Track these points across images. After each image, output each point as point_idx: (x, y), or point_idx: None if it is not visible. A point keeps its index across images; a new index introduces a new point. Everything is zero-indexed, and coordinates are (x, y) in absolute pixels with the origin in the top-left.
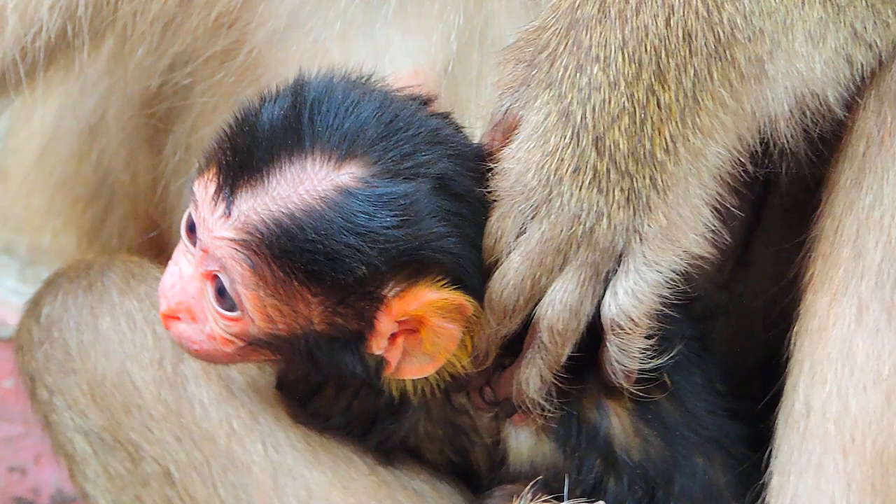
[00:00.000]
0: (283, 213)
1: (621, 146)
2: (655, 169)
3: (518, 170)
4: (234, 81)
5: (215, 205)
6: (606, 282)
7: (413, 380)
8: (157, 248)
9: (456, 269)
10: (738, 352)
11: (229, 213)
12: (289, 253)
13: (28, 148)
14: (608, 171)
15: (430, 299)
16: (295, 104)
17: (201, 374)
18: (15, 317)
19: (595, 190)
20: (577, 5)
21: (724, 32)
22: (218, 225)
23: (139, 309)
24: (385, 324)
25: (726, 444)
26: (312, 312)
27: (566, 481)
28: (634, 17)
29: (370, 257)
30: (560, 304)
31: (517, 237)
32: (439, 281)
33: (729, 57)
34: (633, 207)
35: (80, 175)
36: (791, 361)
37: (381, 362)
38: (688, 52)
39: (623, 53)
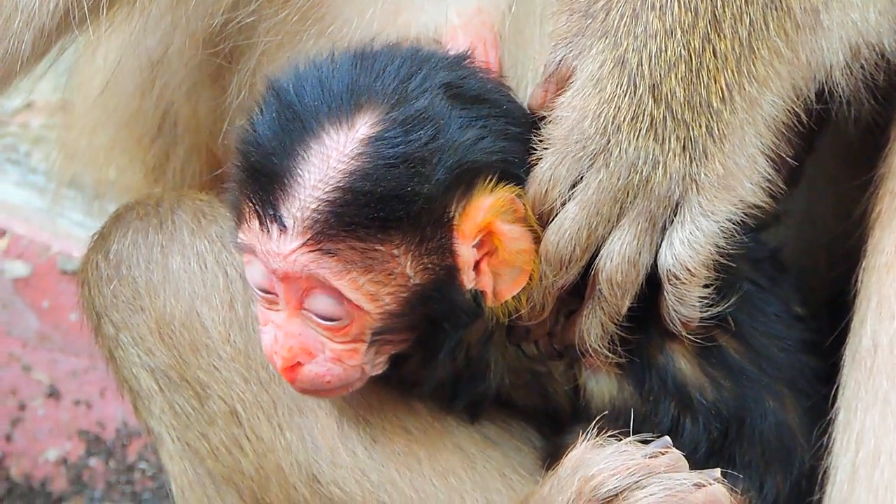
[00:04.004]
0: (329, 191)
1: (678, 94)
2: (711, 117)
3: (574, 118)
4: (297, 20)
5: (268, 231)
6: (664, 232)
7: (515, 297)
8: (220, 186)
9: (502, 167)
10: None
11: (285, 227)
12: (355, 217)
13: (92, 84)
14: (665, 119)
15: (489, 205)
16: (281, 101)
17: None
18: (82, 250)
19: (651, 138)
20: None
21: None
22: (282, 243)
23: (210, 250)
24: (464, 249)
25: (799, 382)
26: (406, 267)
27: (631, 417)
28: None
29: (425, 176)
30: (618, 256)
31: (573, 186)
32: (490, 184)
33: (784, 7)
34: (690, 156)
35: (144, 111)
36: (858, 297)
37: (478, 298)
38: (743, 1)
39: (679, 2)
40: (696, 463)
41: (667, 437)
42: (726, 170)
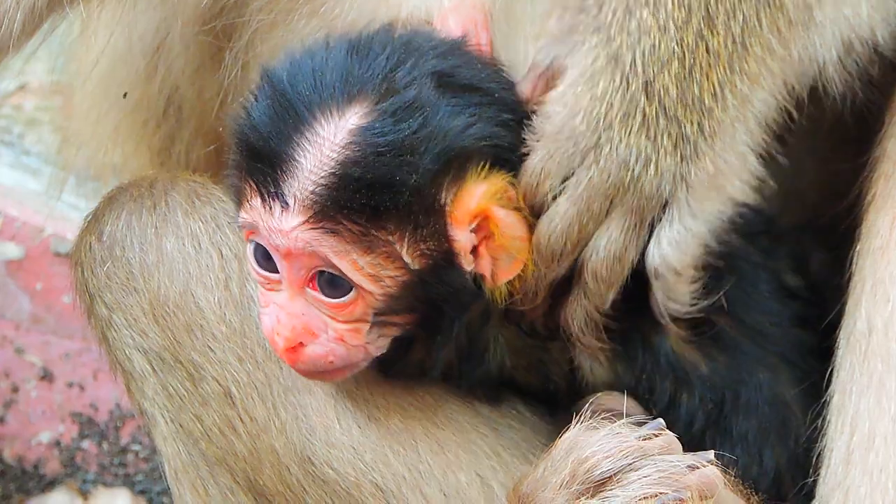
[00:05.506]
0: (324, 176)
1: (670, 91)
2: (703, 115)
3: (565, 113)
4: None
5: (271, 209)
6: (652, 228)
7: (512, 280)
8: (219, 163)
9: (492, 154)
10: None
11: (287, 204)
12: (349, 202)
13: (91, 71)
14: (657, 116)
15: (482, 191)
16: (275, 89)
17: None
18: (75, 233)
19: (644, 136)
20: None
21: None
22: (284, 220)
23: (204, 231)
24: (460, 234)
25: (793, 356)
26: (402, 252)
27: (624, 398)
28: None
29: (413, 165)
30: (604, 251)
31: (564, 180)
32: (482, 171)
33: (777, 3)
34: (681, 154)
35: (148, 96)
36: (853, 280)
37: (477, 280)
38: None
39: None
40: (692, 436)
41: (660, 420)
42: (717, 168)
